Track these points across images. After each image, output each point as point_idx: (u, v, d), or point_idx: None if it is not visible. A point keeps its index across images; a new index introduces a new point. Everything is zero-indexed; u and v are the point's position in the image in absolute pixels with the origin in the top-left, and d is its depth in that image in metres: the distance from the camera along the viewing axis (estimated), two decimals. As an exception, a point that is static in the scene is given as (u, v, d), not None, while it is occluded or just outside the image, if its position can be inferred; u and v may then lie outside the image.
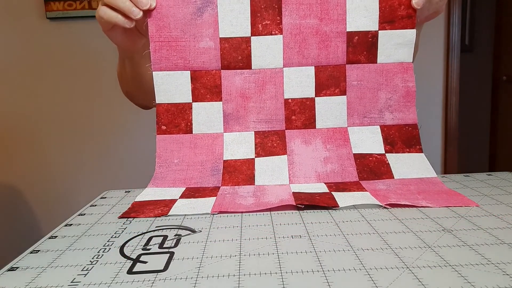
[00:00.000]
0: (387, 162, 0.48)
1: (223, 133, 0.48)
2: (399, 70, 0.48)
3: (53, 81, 1.80)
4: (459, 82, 1.86)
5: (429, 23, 1.89)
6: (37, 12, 1.75)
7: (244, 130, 0.48)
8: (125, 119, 1.82)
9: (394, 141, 0.50)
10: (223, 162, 0.47)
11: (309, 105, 0.48)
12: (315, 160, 0.48)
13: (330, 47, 0.47)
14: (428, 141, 1.88)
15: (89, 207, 0.52)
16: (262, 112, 0.48)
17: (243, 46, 0.47)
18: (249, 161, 0.48)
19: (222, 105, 0.48)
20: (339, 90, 0.48)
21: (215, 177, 0.47)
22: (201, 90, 0.48)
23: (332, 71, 0.47)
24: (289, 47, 0.47)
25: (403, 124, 0.50)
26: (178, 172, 0.47)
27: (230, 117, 0.48)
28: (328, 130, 0.48)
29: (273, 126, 0.48)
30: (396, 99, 0.50)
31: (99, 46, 1.75)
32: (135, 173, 1.83)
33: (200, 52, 0.47)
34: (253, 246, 0.36)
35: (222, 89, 0.48)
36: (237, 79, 0.48)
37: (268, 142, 0.48)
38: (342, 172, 0.48)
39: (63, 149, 1.85)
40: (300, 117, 0.48)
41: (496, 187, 0.53)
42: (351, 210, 0.46)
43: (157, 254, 0.36)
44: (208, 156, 0.48)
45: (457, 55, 1.83)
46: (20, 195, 1.89)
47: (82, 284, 0.31)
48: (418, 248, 0.34)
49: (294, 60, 0.48)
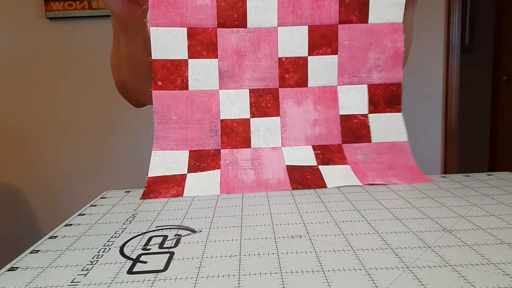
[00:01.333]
0: (368, 125, 0.53)
1: (218, 90, 0.50)
2: (389, 31, 0.50)
3: (53, 81, 1.80)
4: (459, 82, 1.86)
5: (429, 23, 1.89)
6: (37, 12, 1.75)
7: (239, 87, 0.50)
8: (126, 119, 1.81)
9: (378, 101, 0.53)
10: (220, 122, 0.50)
11: (302, 64, 0.50)
12: (305, 123, 0.52)
13: (323, 7, 0.49)
14: (428, 141, 1.88)
15: (89, 207, 0.52)
16: (256, 70, 0.50)
17: (239, 5, 0.48)
18: (245, 121, 0.50)
19: (218, 62, 0.50)
20: (331, 50, 0.50)
21: (214, 138, 0.50)
22: (197, 47, 0.49)
23: (324, 30, 0.49)
24: (283, 6, 0.49)
25: (389, 83, 0.53)
26: (178, 131, 0.49)
27: (225, 75, 0.50)
28: (319, 89, 0.51)
29: (267, 84, 0.50)
30: (385, 59, 0.52)
31: (99, 46, 1.75)
32: (135, 173, 1.83)
33: (197, 10, 0.48)
34: (253, 246, 0.36)
35: (218, 46, 0.49)
36: (232, 37, 0.49)
37: (262, 102, 0.50)
38: (328, 135, 0.53)
39: (63, 149, 1.85)
40: (293, 75, 0.50)
41: (496, 187, 0.53)
42: (351, 211, 0.46)
43: (157, 254, 0.36)
44: (205, 114, 0.50)
45: (457, 55, 1.83)
46: (20, 195, 1.89)
47: (82, 284, 0.31)
48: (418, 248, 0.34)
49: (288, 19, 0.49)
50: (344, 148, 0.52)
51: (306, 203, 0.49)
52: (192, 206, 0.51)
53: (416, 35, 1.80)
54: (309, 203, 0.49)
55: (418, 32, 1.79)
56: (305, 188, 0.47)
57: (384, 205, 0.47)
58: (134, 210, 0.50)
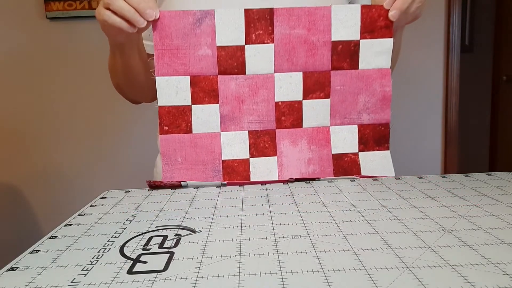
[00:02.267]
0: (358, 162, 0.57)
1: (220, 132, 0.54)
2: (378, 76, 0.54)
3: (53, 81, 1.80)
4: (459, 82, 1.86)
5: (429, 23, 1.89)
6: (37, 12, 1.75)
7: (239, 129, 0.54)
8: (126, 119, 1.82)
9: (368, 140, 0.57)
10: (222, 162, 0.54)
11: (297, 107, 0.54)
12: (300, 162, 0.56)
13: (317, 55, 0.53)
14: (428, 141, 1.88)
15: (89, 207, 0.52)
16: (255, 113, 0.54)
17: (238, 54, 0.52)
18: (245, 161, 0.54)
19: (219, 107, 0.53)
20: (324, 94, 0.54)
21: (217, 178, 0.54)
22: (199, 94, 0.53)
23: (318, 77, 0.53)
24: (279, 55, 0.52)
25: (377, 124, 0.57)
26: (183, 172, 0.53)
27: (226, 118, 0.53)
28: (313, 130, 0.55)
29: (265, 126, 0.54)
30: (374, 102, 0.55)
31: (99, 46, 1.75)
32: (135, 173, 1.84)
33: (199, 59, 0.52)
34: (253, 246, 0.36)
35: (219, 92, 0.53)
36: (232, 84, 0.53)
37: (260, 143, 0.54)
38: (321, 172, 0.56)
39: (63, 149, 1.85)
40: (289, 118, 0.54)
41: (496, 187, 0.53)
42: (351, 211, 0.46)
43: (157, 254, 0.36)
44: (208, 156, 0.53)
45: (457, 55, 1.83)
46: (20, 195, 1.89)
47: (82, 284, 0.31)
48: (418, 248, 0.34)
49: (284, 66, 0.53)
50: None
51: (306, 203, 0.49)
52: (192, 206, 0.51)
53: (416, 35, 1.80)
54: (309, 203, 0.49)
55: (418, 32, 1.79)
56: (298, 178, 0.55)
57: (384, 205, 0.47)
58: (134, 210, 0.50)
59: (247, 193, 0.56)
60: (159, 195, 0.57)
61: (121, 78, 0.62)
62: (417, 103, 1.84)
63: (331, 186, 0.58)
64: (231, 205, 0.50)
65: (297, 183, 0.61)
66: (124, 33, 0.50)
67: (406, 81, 1.82)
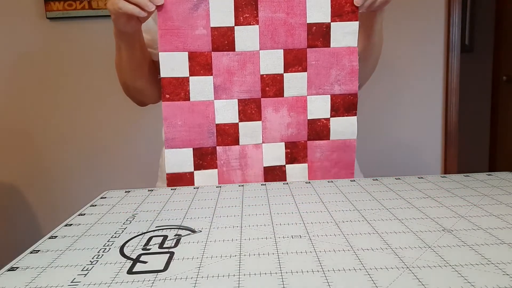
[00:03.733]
0: (329, 127, 0.66)
1: (213, 100, 0.62)
2: (347, 53, 0.63)
3: (53, 81, 1.80)
4: (459, 82, 1.86)
5: (429, 23, 1.88)
6: (37, 12, 1.75)
7: (230, 98, 0.62)
8: (125, 119, 1.82)
9: (338, 108, 0.66)
10: (216, 126, 0.63)
11: (279, 79, 0.63)
12: (281, 126, 0.65)
13: (295, 35, 0.61)
14: (428, 141, 1.88)
15: (89, 207, 0.52)
16: (243, 84, 0.62)
17: (229, 33, 0.61)
18: (235, 125, 0.63)
19: (213, 79, 0.62)
20: (301, 68, 0.62)
21: (211, 139, 0.63)
22: (196, 67, 0.61)
23: (296, 53, 0.62)
24: (263, 34, 0.61)
25: (347, 94, 0.65)
26: (183, 133, 0.62)
27: (219, 88, 0.62)
28: (293, 99, 0.63)
29: (251, 95, 0.63)
30: (344, 75, 0.64)
31: (99, 46, 1.75)
32: (135, 173, 1.83)
33: (195, 38, 0.61)
34: (253, 246, 0.36)
35: (213, 66, 0.61)
36: (224, 59, 0.61)
37: (248, 110, 0.63)
38: (297, 134, 0.66)
39: (63, 149, 1.85)
40: (272, 88, 0.63)
41: (496, 187, 0.53)
42: (351, 211, 0.46)
43: (157, 254, 0.36)
44: (203, 120, 0.62)
45: (457, 55, 1.83)
46: (20, 195, 1.89)
47: (82, 284, 0.31)
48: (418, 248, 0.34)
49: (267, 44, 0.62)
50: (308, 145, 0.66)
51: (306, 203, 0.50)
52: (192, 206, 0.51)
53: (416, 35, 1.80)
54: (309, 203, 0.49)
55: (418, 32, 1.79)
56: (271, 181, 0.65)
57: (384, 205, 0.47)
58: (134, 210, 0.50)
59: (247, 193, 0.56)
60: (159, 195, 0.57)
61: (127, 72, 0.68)
62: (417, 103, 1.84)
63: (331, 186, 0.58)
64: (231, 205, 0.50)
65: (297, 183, 0.61)
66: (133, 21, 0.59)
67: (406, 81, 1.82)
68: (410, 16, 1.79)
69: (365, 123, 1.51)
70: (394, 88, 1.83)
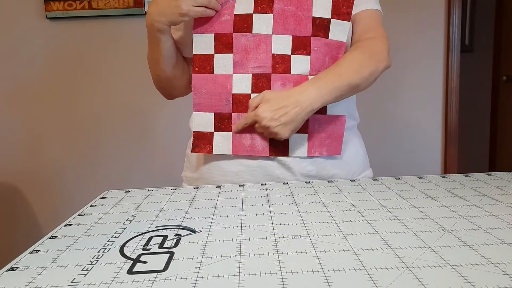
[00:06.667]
0: None
1: (232, 74, 0.73)
2: (338, 46, 0.74)
3: (53, 81, 1.80)
4: (459, 82, 1.86)
5: (429, 23, 1.88)
6: (37, 12, 1.75)
7: (245, 72, 0.73)
8: (126, 119, 1.82)
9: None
10: (232, 95, 0.73)
11: (287, 59, 0.73)
12: None
13: (302, 25, 0.73)
14: (428, 141, 1.88)
15: (89, 207, 0.52)
16: (257, 61, 0.72)
17: (248, 19, 0.73)
18: (248, 95, 0.73)
19: (232, 56, 0.73)
20: (306, 52, 0.73)
21: (228, 106, 0.73)
22: (220, 46, 0.74)
23: (302, 39, 0.73)
24: (276, 22, 0.73)
25: None
26: (206, 100, 0.74)
27: (237, 64, 0.73)
28: (298, 76, 0.73)
29: (263, 71, 0.73)
30: (332, 63, 0.75)
31: (99, 46, 1.75)
32: (135, 173, 1.83)
33: (221, 23, 0.73)
34: (253, 246, 0.36)
35: (233, 45, 0.73)
36: (242, 39, 0.73)
37: (259, 83, 0.73)
38: None
39: (63, 149, 1.85)
40: (281, 66, 0.73)
41: (496, 187, 0.53)
42: (351, 211, 0.46)
43: (157, 254, 0.36)
44: (223, 89, 0.73)
45: (457, 55, 1.83)
46: (20, 195, 1.89)
47: (82, 284, 0.31)
48: (418, 248, 0.34)
49: (279, 30, 0.73)
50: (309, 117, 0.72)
51: (306, 203, 0.50)
52: (192, 206, 0.51)
53: (416, 35, 1.79)
54: (309, 203, 0.49)
55: (418, 32, 1.79)
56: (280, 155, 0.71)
57: (384, 205, 0.47)
58: (134, 210, 0.50)
59: (247, 193, 0.56)
60: (159, 195, 0.57)
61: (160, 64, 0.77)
62: (417, 103, 1.84)
63: (331, 186, 0.58)
64: (231, 205, 0.50)
65: (297, 183, 0.61)
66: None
67: (406, 81, 1.82)
68: (410, 16, 1.79)
69: (365, 123, 1.51)
70: (394, 88, 1.83)
